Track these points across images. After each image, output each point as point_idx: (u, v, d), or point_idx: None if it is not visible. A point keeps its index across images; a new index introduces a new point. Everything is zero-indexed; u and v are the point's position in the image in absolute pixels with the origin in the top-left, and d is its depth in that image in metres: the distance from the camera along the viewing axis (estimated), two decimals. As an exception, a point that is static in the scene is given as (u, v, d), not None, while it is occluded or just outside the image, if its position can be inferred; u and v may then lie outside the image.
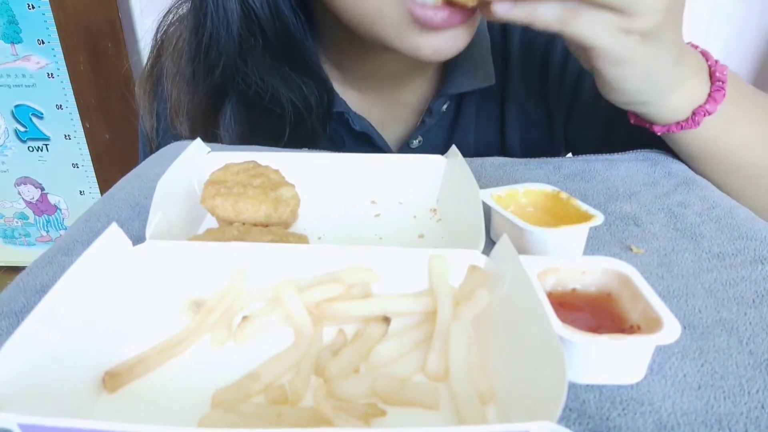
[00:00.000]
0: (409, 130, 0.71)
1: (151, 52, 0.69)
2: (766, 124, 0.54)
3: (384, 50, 0.55)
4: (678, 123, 0.52)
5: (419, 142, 0.71)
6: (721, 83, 0.51)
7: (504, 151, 0.72)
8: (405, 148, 0.71)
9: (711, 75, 0.52)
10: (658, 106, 0.51)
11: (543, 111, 0.70)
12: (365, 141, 0.69)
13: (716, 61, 0.53)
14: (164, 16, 0.67)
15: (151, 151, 0.72)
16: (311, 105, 0.62)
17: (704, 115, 0.51)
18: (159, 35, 0.68)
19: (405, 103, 0.70)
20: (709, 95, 0.51)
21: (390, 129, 0.71)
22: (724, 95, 0.50)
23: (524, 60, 0.68)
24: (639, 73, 0.47)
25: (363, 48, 0.61)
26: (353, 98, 0.68)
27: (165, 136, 0.70)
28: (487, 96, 0.69)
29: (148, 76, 0.70)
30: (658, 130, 0.54)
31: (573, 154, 0.73)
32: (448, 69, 0.67)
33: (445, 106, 0.68)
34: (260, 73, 0.60)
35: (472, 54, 0.65)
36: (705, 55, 0.53)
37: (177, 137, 0.66)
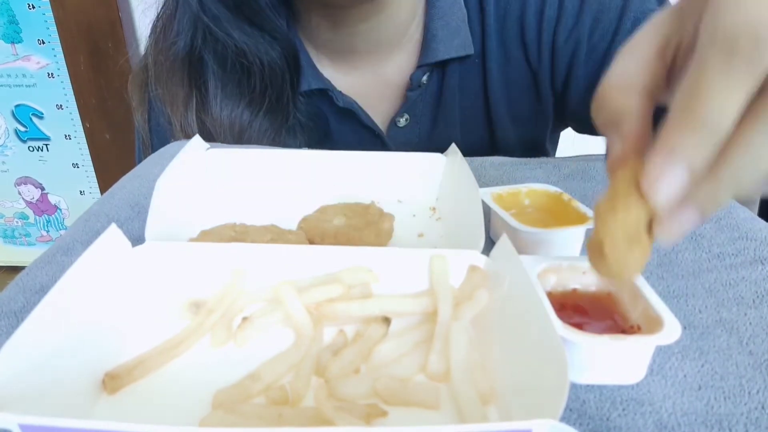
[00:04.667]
0: (396, 109, 0.73)
1: (147, 48, 0.70)
2: None
3: (352, 19, 0.56)
4: None
5: (406, 120, 0.72)
6: None
7: (489, 118, 0.72)
8: (393, 126, 0.72)
9: None
10: None
11: (526, 74, 0.70)
12: (351, 118, 0.70)
13: None
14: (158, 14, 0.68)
15: (143, 145, 0.73)
16: (275, 60, 0.64)
17: None
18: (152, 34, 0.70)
19: (387, 80, 0.72)
20: None
21: (376, 107, 0.72)
22: None
23: (501, 29, 0.69)
24: None
25: (333, 19, 0.64)
26: (337, 77, 0.70)
27: (157, 129, 0.71)
28: (468, 68, 0.70)
29: (141, 69, 0.70)
30: None
31: (561, 114, 0.74)
32: (425, 41, 0.69)
33: (425, 77, 0.69)
34: (225, 28, 0.63)
35: (448, 23, 0.66)
36: None
37: (170, 121, 0.67)
